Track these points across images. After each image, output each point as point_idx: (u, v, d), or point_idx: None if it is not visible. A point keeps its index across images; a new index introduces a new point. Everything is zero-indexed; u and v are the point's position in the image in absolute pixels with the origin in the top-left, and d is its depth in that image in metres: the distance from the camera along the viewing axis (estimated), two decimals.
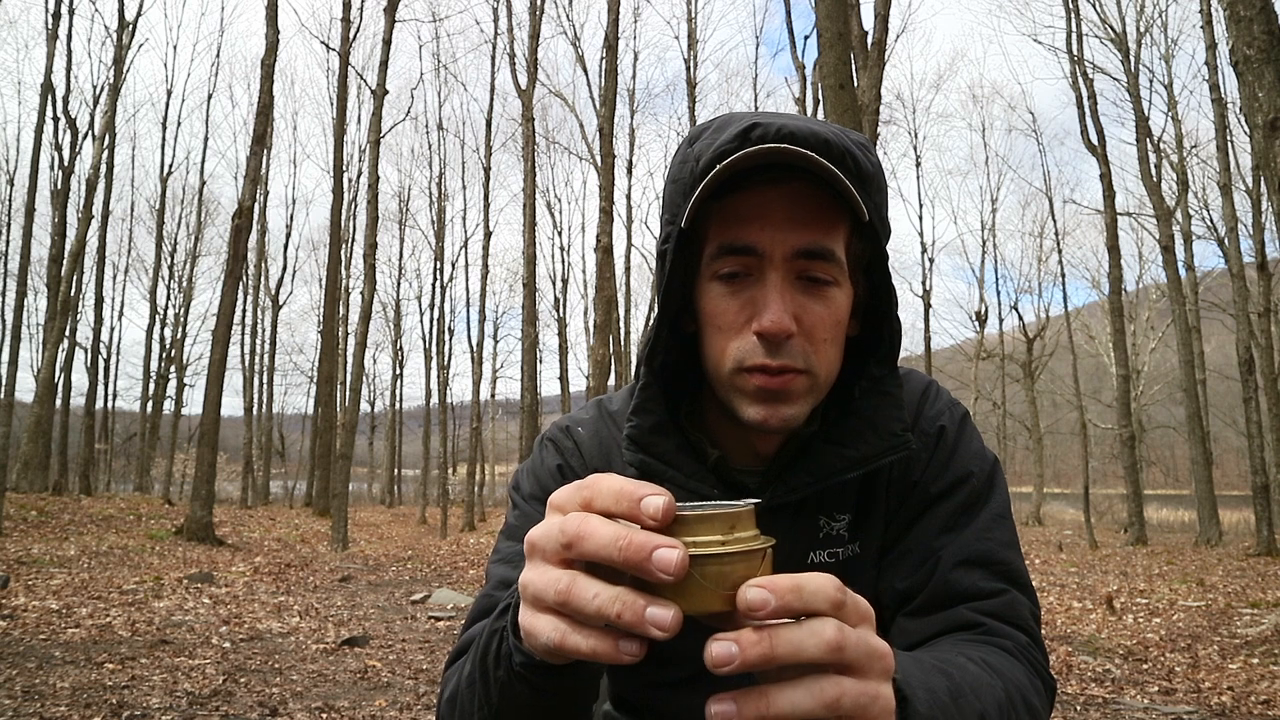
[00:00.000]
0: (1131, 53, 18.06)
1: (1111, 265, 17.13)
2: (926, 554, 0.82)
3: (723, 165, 0.71)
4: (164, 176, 26.38)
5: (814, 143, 0.72)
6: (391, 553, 12.63)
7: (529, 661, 0.57)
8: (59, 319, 16.66)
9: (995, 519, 0.84)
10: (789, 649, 0.42)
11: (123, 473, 30.75)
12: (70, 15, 18.64)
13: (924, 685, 0.58)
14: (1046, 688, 0.77)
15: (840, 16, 6.46)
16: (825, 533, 0.85)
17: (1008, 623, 0.78)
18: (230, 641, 5.57)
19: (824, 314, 0.76)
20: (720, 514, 0.45)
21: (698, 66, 23.47)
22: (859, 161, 0.75)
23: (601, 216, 13.49)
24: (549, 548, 0.47)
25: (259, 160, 13.48)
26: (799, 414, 0.78)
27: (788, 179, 0.74)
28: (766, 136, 0.72)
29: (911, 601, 0.81)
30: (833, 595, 0.44)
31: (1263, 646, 5.78)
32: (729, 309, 0.77)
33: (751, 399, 0.77)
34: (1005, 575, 0.81)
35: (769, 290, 0.74)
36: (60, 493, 16.96)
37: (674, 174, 0.81)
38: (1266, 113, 4.62)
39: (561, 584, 0.45)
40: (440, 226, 26.76)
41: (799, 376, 0.76)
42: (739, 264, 0.76)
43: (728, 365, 0.77)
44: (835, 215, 0.76)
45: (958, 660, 0.68)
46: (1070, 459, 47.89)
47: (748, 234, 0.75)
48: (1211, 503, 15.73)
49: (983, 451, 0.89)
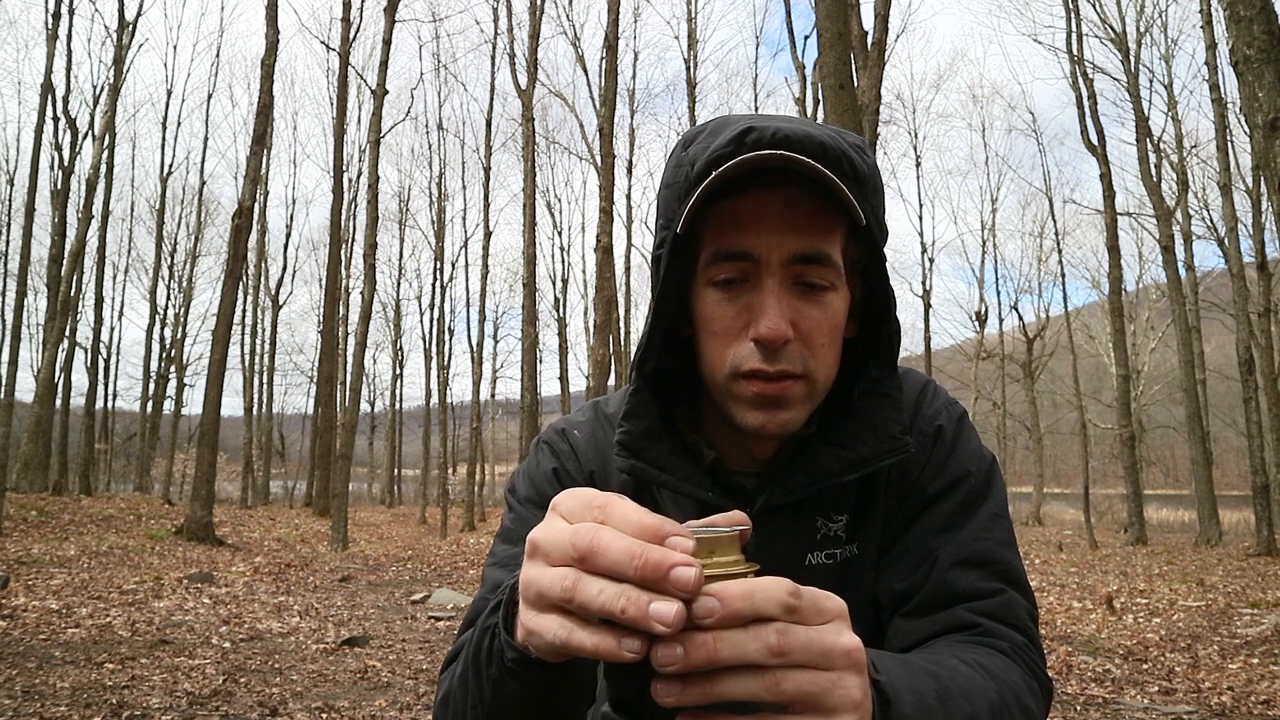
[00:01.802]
0: (1131, 53, 18.06)
1: (1111, 265, 17.13)
2: (924, 554, 0.82)
3: (718, 173, 0.71)
4: (164, 176, 26.40)
5: (810, 147, 0.72)
6: (391, 553, 12.63)
7: (521, 658, 0.58)
8: (59, 319, 16.66)
9: (992, 518, 0.84)
10: (731, 651, 0.43)
11: (123, 473, 30.75)
12: (70, 15, 18.65)
13: (910, 688, 0.58)
14: (1043, 689, 0.76)
15: (840, 16, 6.46)
16: (823, 534, 0.85)
17: (1004, 623, 0.78)
18: (230, 641, 5.57)
19: (821, 319, 0.76)
20: (703, 539, 0.46)
21: (698, 66, 23.49)
22: (855, 165, 0.75)
23: (601, 216, 13.49)
24: (555, 553, 0.47)
25: (259, 160, 13.49)
26: (796, 419, 0.78)
27: (784, 183, 0.74)
28: (762, 141, 0.72)
29: (909, 602, 0.81)
30: (783, 600, 0.45)
31: (1263, 646, 5.78)
32: (726, 315, 0.77)
33: (749, 405, 0.77)
34: (1002, 575, 0.81)
35: (766, 296, 0.74)
36: (60, 493, 16.96)
37: (668, 178, 0.80)
38: (1266, 113, 4.62)
39: (567, 581, 0.45)
40: (440, 226, 26.77)
41: (796, 382, 0.76)
42: (735, 270, 0.76)
43: (725, 371, 0.77)
44: (832, 219, 0.76)
45: (949, 663, 0.67)
46: (1070, 459, 47.89)
47: (744, 239, 0.75)
48: (1211, 503, 15.74)
49: (980, 451, 0.89)
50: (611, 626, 0.44)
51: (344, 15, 17.02)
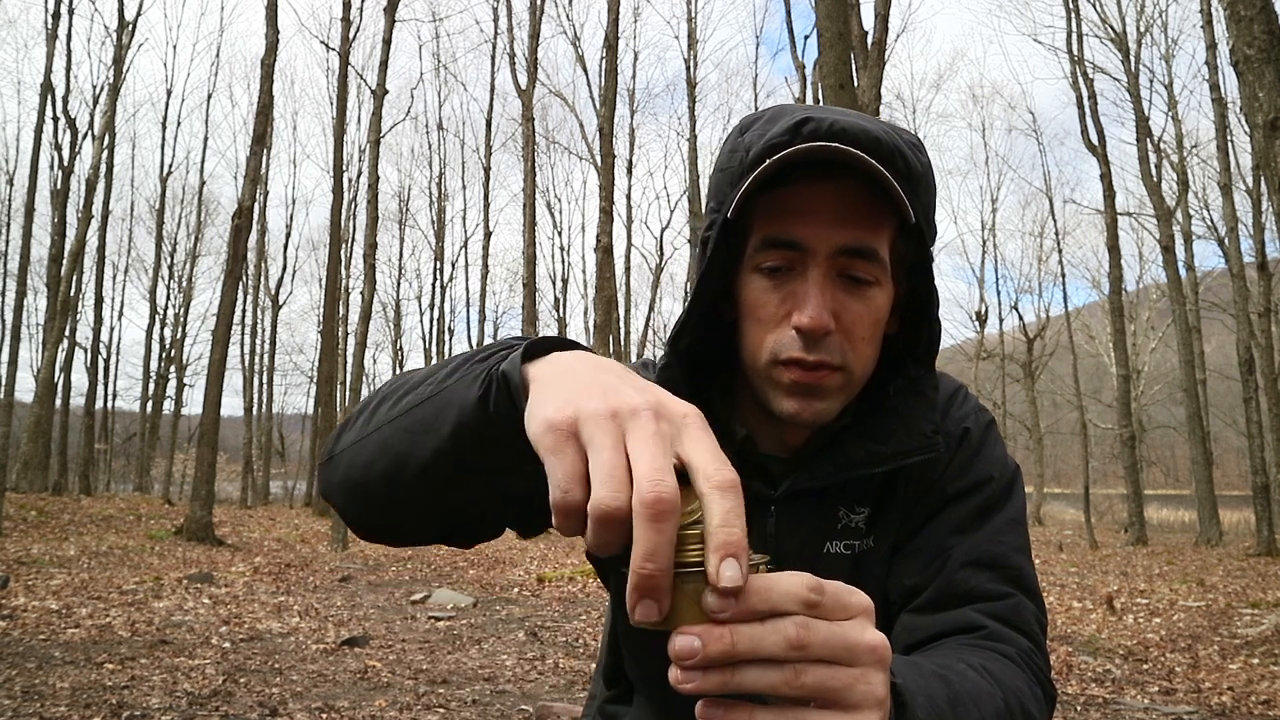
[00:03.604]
0: (1131, 53, 18.07)
1: (1111, 265, 17.13)
2: (937, 552, 0.82)
3: (772, 161, 0.72)
4: (164, 176, 26.39)
5: (865, 141, 0.72)
6: (391, 553, 12.62)
7: (513, 409, 0.54)
8: (59, 319, 16.66)
9: (1009, 524, 0.84)
10: (749, 645, 0.42)
11: (123, 473, 30.77)
12: (70, 15, 18.66)
13: (923, 691, 0.58)
14: (1046, 696, 0.76)
15: (840, 16, 6.46)
16: (844, 524, 0.85)
17: (1012, 627, 0.78)
18: (230, 641, 5.57)
19: (863, 313, 0.77)
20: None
21: (698, 66, 23.51)
22: (909, 162, 0.76)
23: (601, 216, 13.50)
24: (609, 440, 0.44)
25: (259, 160, 13.49)
26: (830, 409, 0.79)
27: (837, 175, 0.74)
28: (818, 133, 0.73)
29: (918, 597, 0.82)
30: (802, 595, 0.44)
31: (1263, 646, 5.78)
32: (770, 302, 0.78)
33: (785, 392, 0.78)
34: (1014, 580, 0.81)
35: (810, 286, 0.75)
36: (60, 493, 16.97)
37: (722, 162, 0.81)
38: (1267, 112, 4.62)
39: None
40: (440, 226, 26.80)
41: (834, 373, 0.77)
42: (782, 258, 0.77)
43: (764, 357, 0.78)
44: (881, 215, 0.76)
45: (958, 667, 0.67)
46: (1070, 459, 47.91)
47: (793, 229, 0.76)
48: (1211, 503, 15.74)
49: (1005, 459, 0.89)
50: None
51: (344, 15, 17.01)
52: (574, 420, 0.45)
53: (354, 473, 0.67)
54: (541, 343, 0.57)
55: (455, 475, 0.62)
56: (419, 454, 0.61)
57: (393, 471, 0.64)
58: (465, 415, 0.58)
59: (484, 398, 0.56)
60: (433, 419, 0.60)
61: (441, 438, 0.60)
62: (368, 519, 0.69)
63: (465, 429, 0.58)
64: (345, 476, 0.68)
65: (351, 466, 0.67)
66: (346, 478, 0.68)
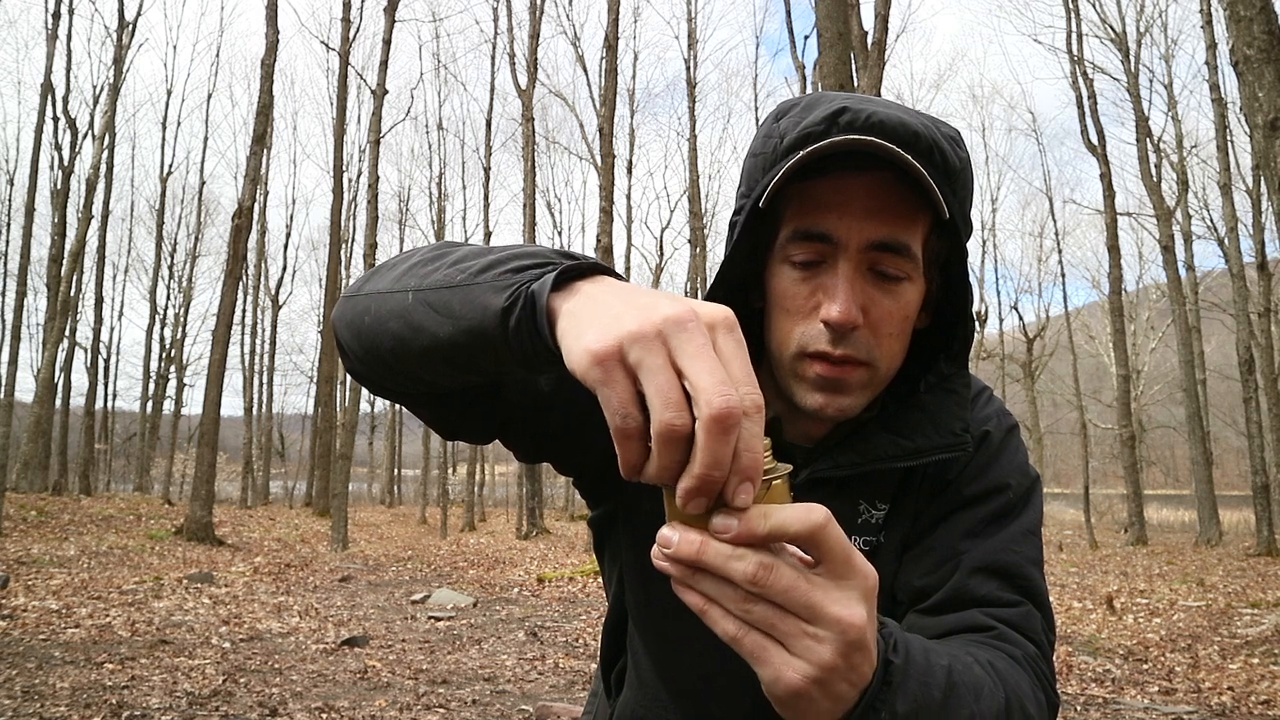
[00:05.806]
0: (1131, 53, 18.07)
1: (1111, 265, 17.13)
2: (948, 555, 0.81)
3: (805, 152, 0.71)
4: (164, 176, 26.37)
5: (903, 134, 0.72)
6: (391, 553, 12.63)
7: (540, 339, 0.55)
8: (59, 319, 16.65)
9: (1024, 534, 0.83)
10: (714, 560, 0.45)
11: (123, 473, 30.77)
12: (70, 15, 18.65)
13: (919, 678, 0.58)
14: (1049, 703, 0.75)
15: (840, 16, 6.46)
16: (864, 519, 0.84)
17: (1020, 632, 0.77)
18: (230, 641, 5.57)
19: (892, 309, 0.76)
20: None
21: (698, 66, 23.50)
22: (947, 157, 0.75)
23: (601, 216, 13.49)
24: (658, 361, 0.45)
25: (259, 160, 13.48)
26: (855, 404, 0.78)
27: (872, 168, 0.73)
28: (854, 124, 0.72)
29: (926, 599, 0.81)
30: (796, 532, 0.46)
31: (1263, 646, 5.78)
32: (799, 293, 0.77)
33: (810, 386, 0.77)
34: (1024, 590, 0.80)
35: (839, 280, 0.74)
36: (60, 493, 16.96)
37: (756, 147, 0.80)
38: (1266, 112, 4.62)
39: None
40: (440, 226, 26.77)
41: (860, 368, 0.76)
42: (813, 251, 0.76)
43: (791, 349, 0.77)
44: (916, 210, 0.75)
45: (964, 659, 0.67)
46: (1070, 459, 47.90)
47: (825, 221, 0.75)
48: (1211, 503, 15.74)
49: (1025, 467, 0.88)
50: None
51: (344, 15, 17.03)
52: (618, 346, 0.45)
53: (367, 319, 0.69)
54: (575, 270, 0.56)
55: (458, 362, 0.63)
56: (431, 332, 0.63)
57: (403, 335, 0.65)
58: (486, 319, 0.58)
59: (509, 309, 0.56)
60: (456, 307, 0.61)
61: (458, 329, 0.61)
62: (363, 364, 0.72)
63: (482, 332, 0.59)
64: (358, 319, 0.70)
65: (367, 313, 0.69)
66: (359, 321, 0.70)
